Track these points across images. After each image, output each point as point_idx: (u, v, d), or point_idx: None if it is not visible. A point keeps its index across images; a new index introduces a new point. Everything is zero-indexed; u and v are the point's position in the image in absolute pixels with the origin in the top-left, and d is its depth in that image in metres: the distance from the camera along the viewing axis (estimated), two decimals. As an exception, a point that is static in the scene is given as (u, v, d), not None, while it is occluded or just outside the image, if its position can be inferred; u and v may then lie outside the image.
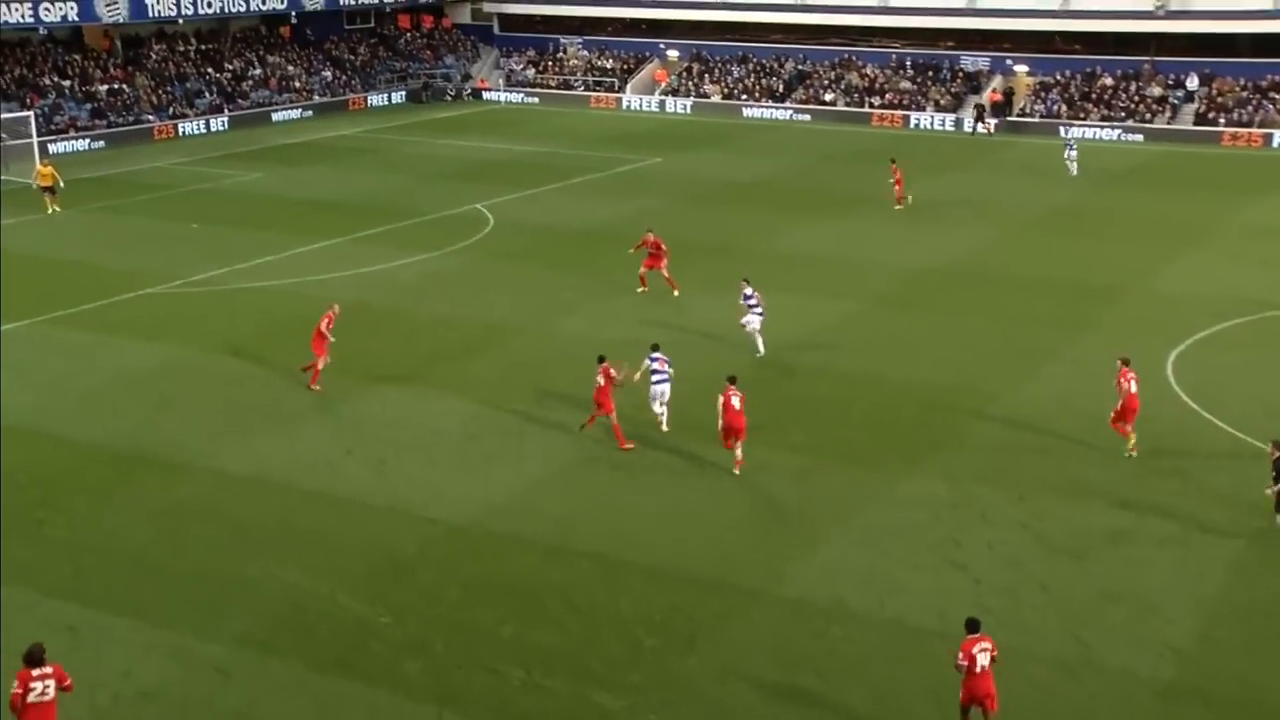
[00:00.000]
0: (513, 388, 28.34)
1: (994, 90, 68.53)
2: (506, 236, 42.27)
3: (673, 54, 78.65)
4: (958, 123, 66.47)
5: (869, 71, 72.34)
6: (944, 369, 29.36)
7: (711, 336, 31.46)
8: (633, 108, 75.22)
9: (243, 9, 70.85)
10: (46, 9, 61.12)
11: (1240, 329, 32.40)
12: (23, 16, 60.49)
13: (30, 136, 53.64)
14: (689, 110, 73.46)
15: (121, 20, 65.12)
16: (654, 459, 24.58)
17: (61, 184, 47.67)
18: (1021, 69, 69.60)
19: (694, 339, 31.18)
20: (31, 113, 56.00)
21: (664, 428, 25.64)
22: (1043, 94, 67.57)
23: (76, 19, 63.32)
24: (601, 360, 25.15)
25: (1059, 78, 68.20)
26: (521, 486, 23.45)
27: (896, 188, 46.59)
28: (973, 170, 55.00)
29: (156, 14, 66.54)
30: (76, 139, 60.80)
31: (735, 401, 23.85)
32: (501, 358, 30.31)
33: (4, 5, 59.14)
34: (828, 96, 71.31)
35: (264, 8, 72.19)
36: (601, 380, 24.80)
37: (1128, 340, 31.36)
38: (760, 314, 30.22)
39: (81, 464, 24.56)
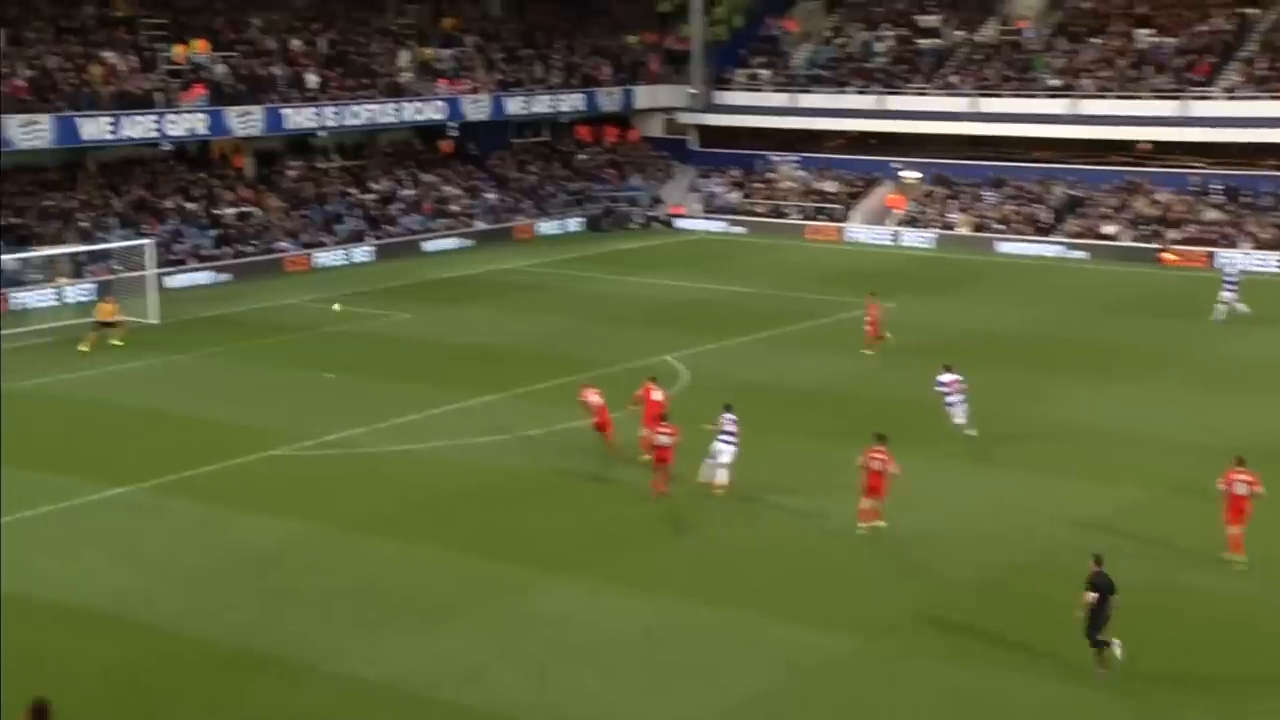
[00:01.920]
0: (710, 583, 28.18)
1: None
2: (703, 395, 42.33)
3: (909, 175, 79.05)
4: None
5: (1162, 198, 71.48)
6: (1270, 582, 28.14)
7: (971, 529, 31.05)
8: (859, 240, 75.66)
9: (394, 119, 74.15)
10: (172, 122, 64.78)
11: None
12: (146, 131, 64.06)
13: (145, 268, 55.92)
14: (930, 244, 73.59)
15: (256, 133, 68.65)
16: (890, 670, 24.08)
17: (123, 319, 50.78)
18: (1372, 193, 67.86)
19: (947, 528, 30.75)
20: (149, 241, 57.81)
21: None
22: (1405, 226, 65.55)
23: (206, 132, 66.96)
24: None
25: None
26: (716, 709, 23.13)
27: (869, 327, 48.00)
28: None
29: (295, 125, 69.94)
30: (197, 271, 63.60)
31: (879, 464, 30.07)
32: (697, 545, 30.20)
33: (124, 119, 62.82)
34: (1109, 229, 70.61)
35: (419, 118, 75.39)
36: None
37: None
38: (958, 400, 37.06)
39: (184, 664, 25.08)
